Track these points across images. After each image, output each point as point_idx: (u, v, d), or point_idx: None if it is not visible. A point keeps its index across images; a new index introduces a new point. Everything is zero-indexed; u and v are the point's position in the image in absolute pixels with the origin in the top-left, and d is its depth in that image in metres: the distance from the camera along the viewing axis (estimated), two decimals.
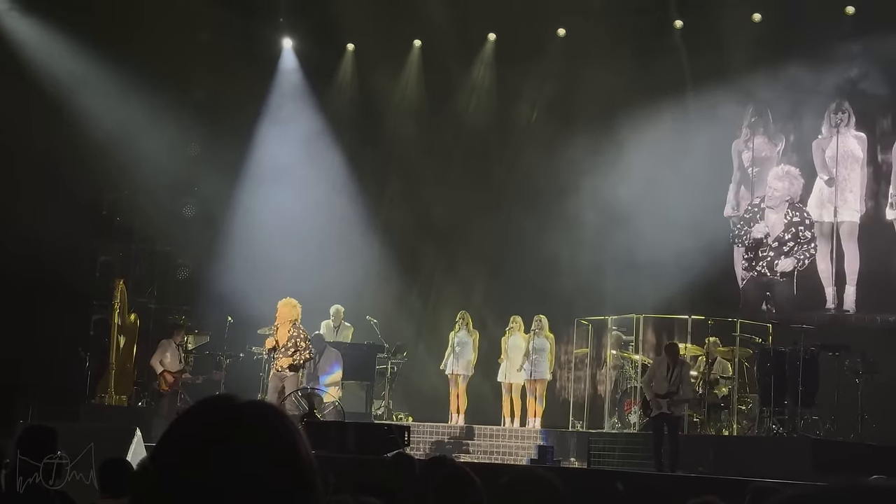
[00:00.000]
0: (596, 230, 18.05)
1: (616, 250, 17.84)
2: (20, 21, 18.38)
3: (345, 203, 20.46)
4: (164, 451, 1.61)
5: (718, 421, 15.34)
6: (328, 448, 12.53)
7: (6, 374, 16.80)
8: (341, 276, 19.31)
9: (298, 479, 1.60)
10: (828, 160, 17.92)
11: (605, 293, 17.93)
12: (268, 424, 1.61)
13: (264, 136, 20.46)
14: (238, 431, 1.58)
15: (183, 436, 1.61)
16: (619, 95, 18.33)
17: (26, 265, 17.31)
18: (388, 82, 20.67)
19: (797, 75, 17.59)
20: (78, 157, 17.93)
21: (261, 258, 18.94)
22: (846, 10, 17.71)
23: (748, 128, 18.67)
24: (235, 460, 1.56)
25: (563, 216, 18.42)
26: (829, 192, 17.94)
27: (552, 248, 18.40)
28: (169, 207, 19.35)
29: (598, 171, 18.32)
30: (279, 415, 1.65)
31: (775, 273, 17.98)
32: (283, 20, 20.52)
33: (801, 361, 14.31)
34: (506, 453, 16.03)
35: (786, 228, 18.04)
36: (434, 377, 17.84)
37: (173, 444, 1.61)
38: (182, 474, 1.56)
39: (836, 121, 17.80)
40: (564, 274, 18.18)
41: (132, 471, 6.14)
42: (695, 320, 15.94)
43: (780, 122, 18.44)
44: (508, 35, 20.00)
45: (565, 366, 17.81)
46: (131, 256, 19.10)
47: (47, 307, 17.54)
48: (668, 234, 17.38)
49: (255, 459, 1.57)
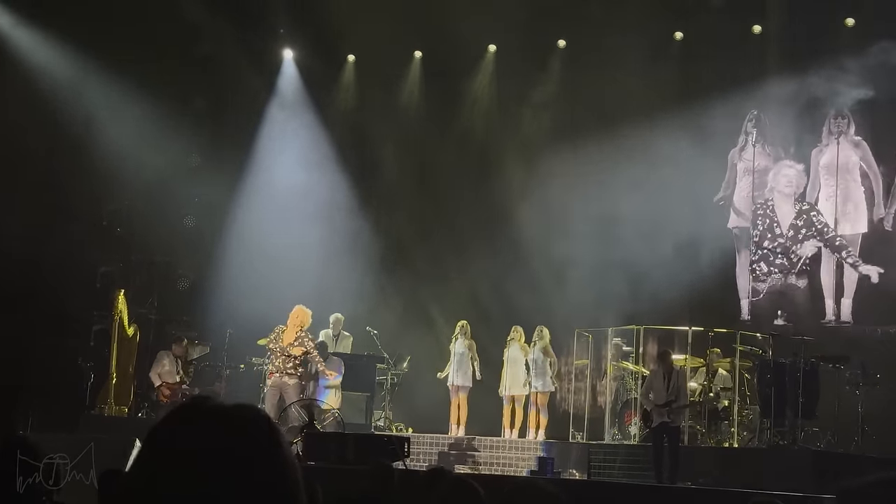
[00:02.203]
0: (597, 240, 18.03)
1: (617, 261, 17.83)
2: (22, 32, 18.40)
3: (344, 214, 20.46)
4: (140, 456, 1.57)
5: (719, 432, 15.32)
6: (328, 459, 12.51)
7: (6, 385, 16.76)
8: (341, 286, 19.29)
9: (281, 488, 1.56)
10: (827, 169, 17.93)
11: (606, 304, 17.90)
12: (248, 431, 1.57)
13: (264, 147, 20.47)
14: (215, 436, 1.55)
15: (159, 440, 1.57)
16: (620, 105, 18.35)
17: (27, 275, 17.30)
18: (388, 93, 20.69)
19: (796, 86, 17.62)
20: (78, 168, 17.96)
21: (261, 269, 18.93)
22: (846, 21, 17.76)
23: (746, 138, 18.67)
24: (211, 467, 1.52)
25: (565, 227, 18.40)
26: (830, 203, 17.92)
27: (554, 258, 18.38)
28: (169, 218, 19.34)
29: (598, 182, 18.33)
30: (261, 420, 1.60)
31: (794, 266, 17.94)
32: (283, 31, 20.54)
33: (801, 373, 14.29)
34: (506, 465, 16.00)
35: (797, 216, 18.09)
36: (434, 388, 17.81)
37: (149, 448, 1.57)
38: (157, 480, 1.52)
39: (836, 128, 17.81)
40: (565, 284, 18.16)
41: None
42: (695, 331, 15.92)
43: (780, 133, 18.44)
44: (509, 46, 20.02)
45: (565, 377, 17.78)
46: (131, 267, 19.08)
47: (47, 317, 17.54)
48: (669, 245, 17.39)
49: (233, 466, 1.53)
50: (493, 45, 20.33)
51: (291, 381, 15.14)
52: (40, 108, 17.83)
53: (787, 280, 18.16)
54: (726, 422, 15.34)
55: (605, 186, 18.25)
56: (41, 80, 18.16)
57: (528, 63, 19.93)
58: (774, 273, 18.23)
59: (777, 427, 14.62)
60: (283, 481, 1.56)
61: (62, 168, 17.77)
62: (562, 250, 18.24)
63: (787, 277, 18.15)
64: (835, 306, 17.77)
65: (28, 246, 17.48)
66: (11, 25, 18.38)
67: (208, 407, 1.61)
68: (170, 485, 1.52)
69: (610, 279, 17.99)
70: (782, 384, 14.44)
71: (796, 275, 18.12)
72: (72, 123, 18.17)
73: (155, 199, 18.97)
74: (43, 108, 17.85)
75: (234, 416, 1.59)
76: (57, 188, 17.70)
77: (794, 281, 18.16)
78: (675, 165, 17.91)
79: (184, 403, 1.63)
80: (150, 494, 1.52)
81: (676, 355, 15.50)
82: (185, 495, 1.51)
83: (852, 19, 17.75)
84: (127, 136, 18.57)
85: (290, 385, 15.13)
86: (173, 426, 1.58)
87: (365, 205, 20.73)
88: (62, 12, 18.07)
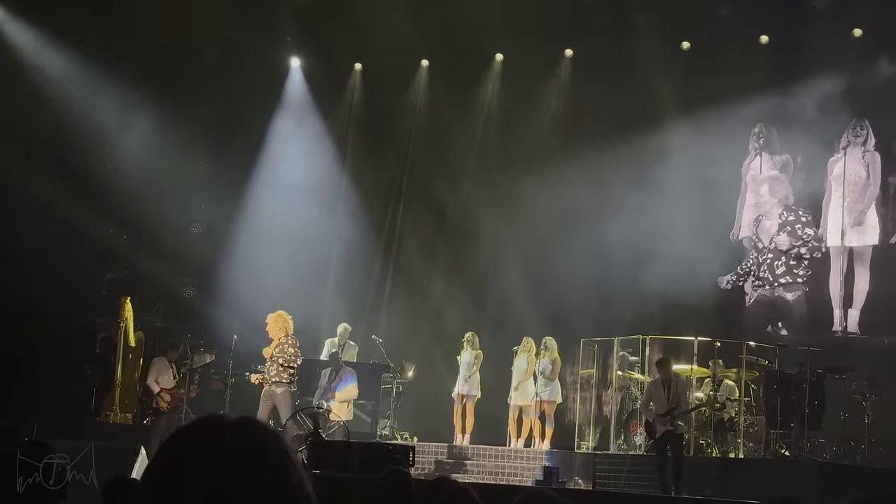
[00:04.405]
0: (604, 251, 18.02)
1: (624, 270, 17.81)
2: (27, 36, 18.44)
3: (351, 222, 20.47)
4: (145, 475, 1.58)
5: (724, 443, 15.26)
6: (332, 468, 12.49)
7: (11, 392, 16.78)
8: (348, 295, 19.29)
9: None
10: (837, 179, 17.89)
11: (612, 314, 17.88)
12: (255, 450, 1.56)
13: (271, 155, 20.50)
14: (220, 456, 1.54)
15: (165, 459, 1.57)
16: (628, 115, 18.35)
17: (33, 282, 17.32)
18: (395, 101, 20.72)
19: (804, 96, 17.59)
20: (85, 175, 17.99)
21: (267, 277, 18.92)
22: (853, 32, 17.74)
23: (755, 148, 18.67)
24: (216, 485, 1.52)
25: (571, 238, 18.38)
26: (840, 212, 17.87)
27: (561, 269, 18.36)
28: (176, 225, 19.36)
29: (606, 191, 18.32)
30: (268, 437, 1.60)
31: (768, 256, 17.96)
32: (290, 39, 20.58)
33: (807, 384, 14.25)
34: (511, 474, 15.96)
35: (780, 228, 18.11)
36: (440, 397, 17.79)
37: (155, 468, 1.58)
38: (160, 499, 1.53)
39: (851, 139, 17.76)
40: (572, 294, 18.14)
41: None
42: (701, 342, 15.88)
43: (788, 143, 18.43)
44: (516, 55, 20.04)
45: (571, 386, 17.75)
46: (138, 274, 19.10)
47: (53, 324, 17.56)
48: (676, 256, 17.35)
49: (239, 485, 1.52)
50: (500, 53, 20.34)
51: (279, 389, 14.97)
52: (50, 114, 17.87)
53: (775, 293, 18.14)
54: (732, 432, 15.29)
55: (613, 195, 18.23)
56: (51, 86, 18.21)
57: (535, 72, 19.94)
58: (764, 286, 18.23)
59: (783, 438, 14.58)
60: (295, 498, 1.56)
61: (70, 175, 17.80)
62: (568, 261, 18.21)
63: (774, 289, 18.13)
64: (842, 316, 17.72)
65: (35, 252, 17.51)
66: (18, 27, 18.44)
67: (216, 425, 1.60)
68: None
69: (616, 288, 17.97)
70: (788, 395, 14.40)
71: (784, 286, 18.09)
72: (80, 130, 18.20)
73: (162, 206, 19.00)
74: (52, 115, 17.89)
75: (236, 437, 1.58)
76: (64, 195, 17.72)
77: (783, 293, 18.13)
78: (682, 175, 17.90)
79: (188, 424, 1.63)
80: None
81: (683, 365, 15.47)
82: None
83: (860, 30, 17.73)
84: (134, 144, 18.61)
85: (279, 393, 14.98)
86: (182, 446, 1.59)
87: (371, 212, 20.73)
88: (71, 21, 18.12)
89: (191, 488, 1.51)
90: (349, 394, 16.45)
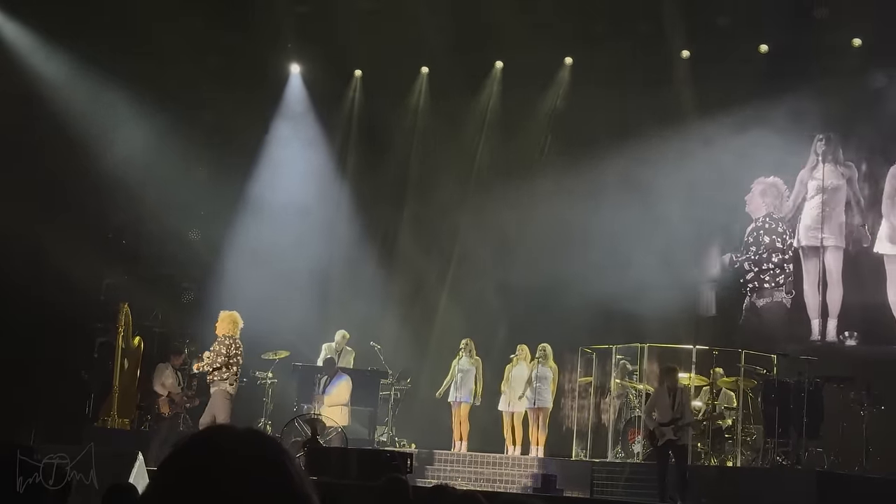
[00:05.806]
0: (601, 258, 18.02)
1: (622, 279, 17.81)
2: (28, 41, 18.46)
3: (350, 228, 20.48)
4: (148, 488, 1.59)
5: (722, 452, 15.26)
6: (330, 474, 12.49)
7: (9, 397, 16.76)
8: (346, 301, 19.29)
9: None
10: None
11: (611, 322, 17.88)
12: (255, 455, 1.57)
13: (271, 161, 20.50)
14: (223, 468, 1.55)
15: (170, 472, 1.58)
16: (627, 123, 18.37)
17: (31, 287, 17.31)
18: (395, 108, 20.73)
19: (801, 107, 17.61)
20: (85, 181, 18.00)
21: (266, 283, 18.92)
22: (853, 42, 17.78)
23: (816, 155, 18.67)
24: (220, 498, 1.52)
25: (570, 245, 18.39)
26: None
27: (558, 277, 18.36)
28: (175, 231, 19.36)
29: (603, 199, 18.32)
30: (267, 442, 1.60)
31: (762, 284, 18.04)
32: (290, 46, 20.59)
33: (805, 393, 14.26)
34: (508, 481, 15.95)
35: (769, 233, 18.25)
36: (437, 404, 17.78)
37: (160, 480, 1.58)
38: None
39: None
40: (570, 302, 18.13)
41: (137, 497, 6.10)
42: (699, 350, 15.88)
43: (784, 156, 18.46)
44: (516, 62, 20.05)
45: (569, 394, 17.75)
46: (136, 280, 19.10)
47: (52, 330, 17.55)
48: (674, 264, 17.37)
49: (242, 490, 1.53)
50: (500, 61, 20.35)
51: (212, 388, 14.76)
52: (46, 120, 17.88)
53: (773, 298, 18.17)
54: (730, 441, 15.29)
55: (610, 204, 18.23)
56: (52, 92, 18.21)
57: (535, 80, 19.95)
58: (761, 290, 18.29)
59: (781, 447, 14.58)
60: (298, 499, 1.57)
61: (69, 180, 17.81)
62: (565, 268, 18.21)
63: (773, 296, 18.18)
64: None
65: (33, 257, 17.50)
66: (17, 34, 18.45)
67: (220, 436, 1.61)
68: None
69: (614, 296, 17.98)
70: (787, 404, 14.41)
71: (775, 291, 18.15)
72: (78, 136, 18.20)
73: (161, 212, 19.00)
74: (49, 120, 17.89)
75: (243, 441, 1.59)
76: (63, 200, 17.73)
77: (775, 300, 18.18)
78: (683, 184, 17.92)
79: (194, 434, 1.64)
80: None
81: (681, 374, 15.47)
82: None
83: (859, 39, 17.76)
84: (134, 149, 18.61)
85: (212, 392, 14.64)
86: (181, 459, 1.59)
87: (369, 219, 20.73)
88: (70, 26, 18.13)
89: (194, 498, 1.52)
90: (340, 396, 16.43)
